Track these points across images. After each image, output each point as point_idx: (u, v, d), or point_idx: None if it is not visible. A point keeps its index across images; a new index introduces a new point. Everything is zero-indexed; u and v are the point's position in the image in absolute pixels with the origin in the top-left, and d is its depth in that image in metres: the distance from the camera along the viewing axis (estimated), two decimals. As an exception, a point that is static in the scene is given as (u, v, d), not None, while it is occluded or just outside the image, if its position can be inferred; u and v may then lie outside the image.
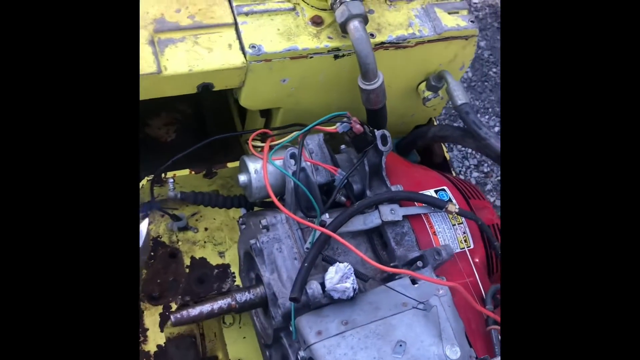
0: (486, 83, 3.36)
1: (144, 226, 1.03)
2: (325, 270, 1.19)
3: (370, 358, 1.06)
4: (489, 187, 2.95)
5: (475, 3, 3.55)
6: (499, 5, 3.61)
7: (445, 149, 1.80)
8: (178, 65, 1.26)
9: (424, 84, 1.58)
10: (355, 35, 1.29)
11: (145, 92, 1.29)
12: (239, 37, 1.32)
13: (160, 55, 1.25)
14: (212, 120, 1.92)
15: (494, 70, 3.36)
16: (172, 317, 1.28)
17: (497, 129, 3.07)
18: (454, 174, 1.77)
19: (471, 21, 1.48)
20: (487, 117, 3.17)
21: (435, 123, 1.80)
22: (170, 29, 1.28)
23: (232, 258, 1.71)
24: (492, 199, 2.90)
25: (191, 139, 1.88)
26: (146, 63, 1.23)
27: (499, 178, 2.98)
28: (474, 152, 3.16)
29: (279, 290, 1.24)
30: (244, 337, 1.77)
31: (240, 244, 1.48)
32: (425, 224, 1.30)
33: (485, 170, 3.03)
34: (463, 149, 3.13)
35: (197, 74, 1.27)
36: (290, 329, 1.20)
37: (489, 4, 3.59)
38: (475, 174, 3.00)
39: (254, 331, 1.75)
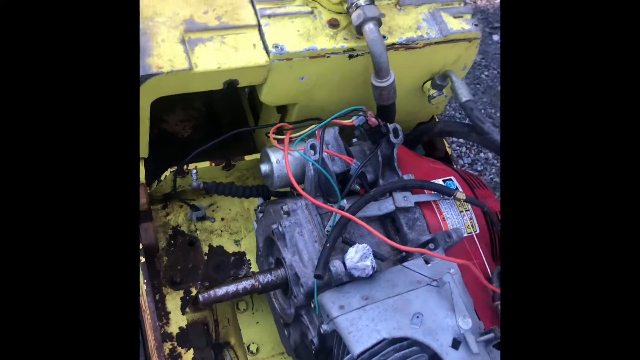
0: (478, 85, 3.50)
1: None
2: (343, 252, 1.30)
3: (390, 328, 1.16)
4: (482, 184, 3.08)
5: (467, 9, 3.67)
6: (489, 11, 3.75)
7: (447, 144, 1.91)
8: (208, 63, 1.35)
9: (429, 82, 1.69)
10: (370, 37, 1.40)
11: (177, 87, 1.39)
12: (262, 38, 1.42)
13: (191, 53, 1.35)
14: (226, 118, 2.02)
15: (486, 73, 3.50)
16: (200, 296, 1.37)
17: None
18: (455, 168, 1.88)
19: (475, 24, 1.59)
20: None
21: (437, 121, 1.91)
22: (199, 29, 1.38)
23: (247, 246, 1.81)
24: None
25: (206, 134, 1.99)
26: (178, 60, 1.33)
27: (492, 177, 3.12)
28: (467, 151, 3.29)
29: (300, 270, 1.34)
30: (257, 322, 1.87)
31: (259, 231, 1.58)
32: (435, 210, 1.41)
33: (479, 169, 3.16)
34: (457, 148, 3.26)
35: (224, 71, 1.37)
36: (312, 305, 1.30)
37: (480, 10, 3.73)
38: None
39: (268, 315, 1.85)
